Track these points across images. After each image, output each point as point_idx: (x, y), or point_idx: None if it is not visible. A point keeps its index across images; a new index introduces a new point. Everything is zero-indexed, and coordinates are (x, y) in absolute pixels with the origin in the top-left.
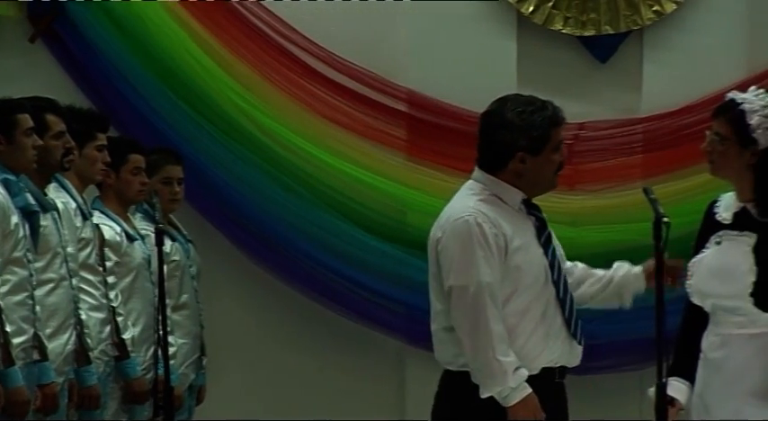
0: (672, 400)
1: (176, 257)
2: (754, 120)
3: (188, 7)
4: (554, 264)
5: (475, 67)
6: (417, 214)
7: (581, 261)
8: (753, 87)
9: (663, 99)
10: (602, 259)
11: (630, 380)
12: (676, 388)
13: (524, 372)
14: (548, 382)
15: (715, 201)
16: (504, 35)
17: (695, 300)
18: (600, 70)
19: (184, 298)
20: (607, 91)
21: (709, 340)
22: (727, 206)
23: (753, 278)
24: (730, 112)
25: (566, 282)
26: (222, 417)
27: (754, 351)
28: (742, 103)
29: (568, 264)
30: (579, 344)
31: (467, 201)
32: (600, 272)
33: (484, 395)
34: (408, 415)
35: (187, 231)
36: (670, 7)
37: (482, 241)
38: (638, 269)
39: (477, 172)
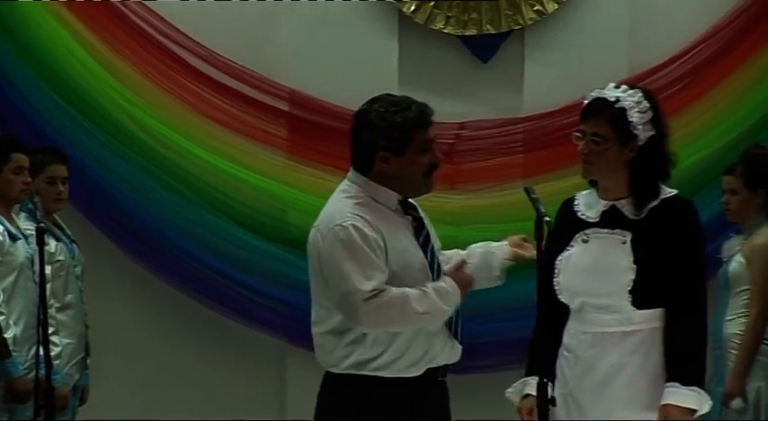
0: (553, 400)
1: (61, 257)
2: (635, 117)
3: (70, 8)
4: (433, 265)
5: (357, 67)
6: (298, 213)
7: None
8: (611, 84)
9: (544, 99)
10: None
11: (511, 379)
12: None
13: (438, 283)
14: (431, 382)
15: (571, 200)
16: (386, 34)
17: (563, 298)
18: (481, 70)
19: (69, 298)
20: (488, 90)
21: (578, 339)
22: (588, 204)
23: (632, 276)
24: (608, 112)
25: None
26: (105, 417)
27: (629, 349)
28: (617, 100)
29: (449, 253)
30: (461, 343)
31: (344, 205)
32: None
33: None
34: (289, 414)
35: (71, 231)
36: (552, 7)
37: (363, 244)
38: (502, 242)
39: (351, 172)
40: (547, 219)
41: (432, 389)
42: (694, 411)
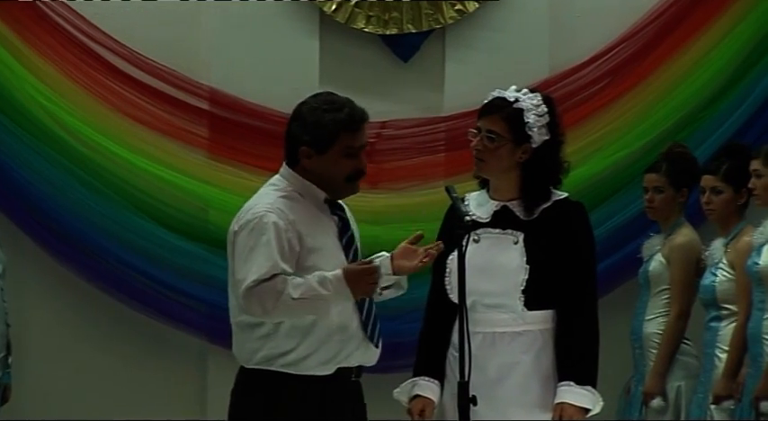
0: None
1: None
2: (530, 119)
3: None
4: None
5: (277, 66)
6: (219, 212)
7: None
8: (514, 86)
9: (465, 98)
10: None
11: None
12: (428, 387)
13: (323, 272)
14: (344, 381)
15: (461, 200)
16: (307, 33)
17: (454, 298)
18: (402, 69)
19: None
20: (409, 90)
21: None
22: (479, 204)
23: (525, 275)
24: (505, 110)
25: None
26: (27, 417)
27: (520, 348)
28: (516, 101)
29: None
30: (376, 346)
31: (267, 197)
32: None
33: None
34: (210, 414)
35: None
36: (472, 6)
37: (272, 236)
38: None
39: (283, 166)
40: (467, 218)
41: (344, 390)
42: (588, 410)
